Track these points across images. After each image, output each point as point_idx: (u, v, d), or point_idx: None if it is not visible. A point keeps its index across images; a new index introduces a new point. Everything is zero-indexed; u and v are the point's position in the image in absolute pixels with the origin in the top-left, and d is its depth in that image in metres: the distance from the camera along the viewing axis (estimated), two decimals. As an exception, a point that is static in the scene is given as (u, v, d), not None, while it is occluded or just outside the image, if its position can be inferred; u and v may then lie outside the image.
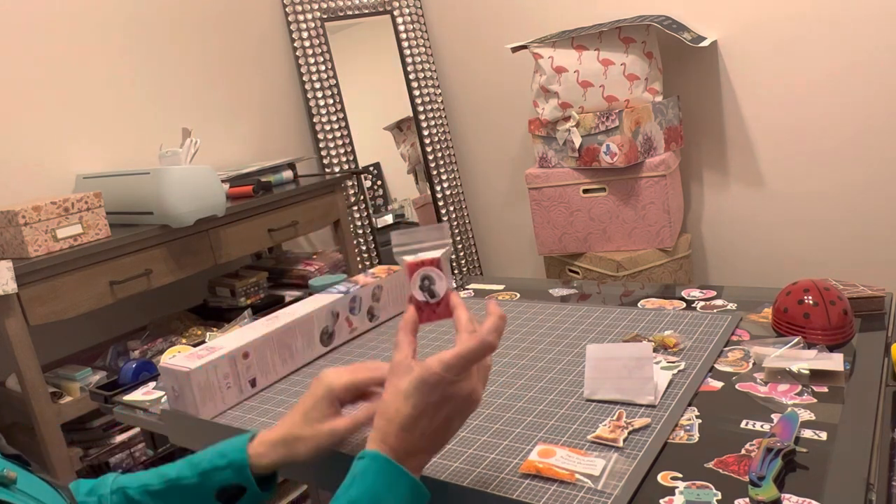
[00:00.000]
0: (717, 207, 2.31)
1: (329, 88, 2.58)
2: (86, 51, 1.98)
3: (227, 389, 0.95)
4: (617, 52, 2.05)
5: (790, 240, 2.19)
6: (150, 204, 1.69)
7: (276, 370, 1.03)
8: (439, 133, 2.73)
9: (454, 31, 2.69)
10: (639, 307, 1.11)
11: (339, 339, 1.14)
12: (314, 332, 1.09)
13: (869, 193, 2.02)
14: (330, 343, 1.12)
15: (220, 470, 0.72)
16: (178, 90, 2.23)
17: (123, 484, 0.74)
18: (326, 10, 2.58)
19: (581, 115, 2.06)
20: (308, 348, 1.08)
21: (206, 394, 0.93)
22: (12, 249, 1.55)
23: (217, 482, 0.72)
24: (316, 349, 1.10)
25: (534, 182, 2.20)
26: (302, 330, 1.06)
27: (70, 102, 1.94)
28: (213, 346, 0.98)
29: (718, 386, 0.83)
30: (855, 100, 1.97)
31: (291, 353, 1.05)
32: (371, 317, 1.20)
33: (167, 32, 2.19)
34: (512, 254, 2.85)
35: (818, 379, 0.80)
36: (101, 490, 0.74)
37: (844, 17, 1.92)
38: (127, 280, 1.65)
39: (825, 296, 0.89)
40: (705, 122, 2.25)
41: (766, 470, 0.63)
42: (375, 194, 2.78)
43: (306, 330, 1.07)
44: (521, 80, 2.51)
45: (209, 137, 2.27)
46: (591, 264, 2.16)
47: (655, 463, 0.68)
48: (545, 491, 0.67)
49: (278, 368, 1.03)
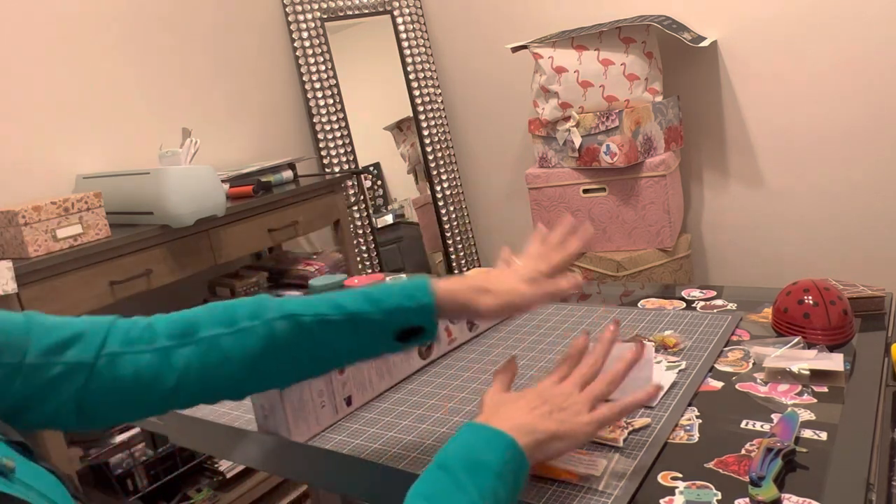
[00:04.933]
0: (717, 207, 2.31)
1: (329, 88, 2.58)
2: (86, 51, 1.98)
3: (322, 409, 0.86)
4: (617, 52, 2.05)
5: (790, 240, 2.19)
6: (150, 204, 1.69)
7: (374, 386, 0.94)
8: (439, 133, 2.73)
9: (454, 31, 2.69)
10: (639, 307, 1.11)
11: (438, 352, 1.04)
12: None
13: (869, 193, 2.02)
14: (428, 355, 1.02)
15: (406, 311, 0.70)
16: (178, 90, 2.23)
17: (293, 311, 0.69)
18: (326, 10, 2.58)
19: (581, 115, 2.06)
20: (405, 361, 0.99)
21: (298, 414, 0.83)
22: (12, 249, 1.55)
23: (401, 322, 0.70)
24: (414, 362, 1.00)
25: (534, 182, 2.20)
26: None
27: (70, 102, 1.94)
28: None
29: (718, 386, 0.83)
30: (855, 100, 1.97)
31: (388, 366, 0.96)
32: (471, 326, 1.10)
33: (167, 32, 2.19)
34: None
35: (818, 379, 0.80)
36: (266, 314, 0.69)
37: (844, 17, 1.92)
38: (127, 280, 1.65)
39: (825, 296, 0.89)
40: (705, 122, 2.25)
41: (766, 470, 0.63)
42: (375, 194, 2.78)
43: None
44: (521, 80, 2.51)
45: (209, 137, 2.27)
46: (591, 264, 2.16)
47: (655, 463, 0.68)
48: (545, 491, 0.67)
49: (375, 384, 0.94)
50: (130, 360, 0.65)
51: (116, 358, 0.65)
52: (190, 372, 0.66)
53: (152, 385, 0.66)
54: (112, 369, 0.64)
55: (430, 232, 2.78)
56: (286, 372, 0.71)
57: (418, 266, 2.81)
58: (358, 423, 0.87)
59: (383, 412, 0.88)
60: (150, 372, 0.65)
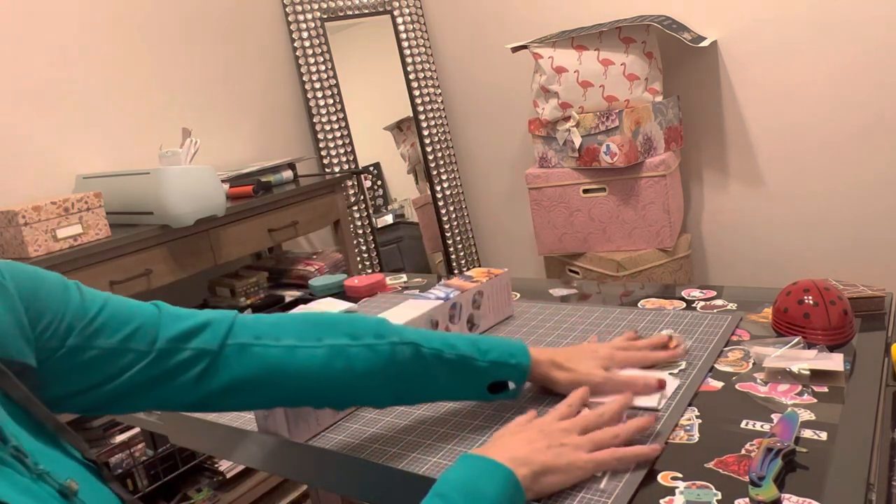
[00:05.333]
0: (717, 207, 2.31)
1: (329, 88, 2.58)
2: (86, 51, 1.98)
3: (322, 408, 0.85)
4: (617, 52, 2.05)
5: (790, 240, 2.19)
6: (150, 204, 1.69)
7: None
8: (439, 133, 2.73)
9: (454, 31, 2.69)
10: (639, 307, 1.11)
11: None
12: None
13: (869, 193, 2.02)
14: None
15: (507, 366, 0.77)
16: (178, 90, 2.23)
17: (415, 340, 0.74)
18: (326, 10, 2.58)
19: (581, 115, 2.06)
20: None
21: (298, 414, 0.82)
22: (12, 249, 1.55)
23: (499, 374, 0.77)
24: None
25: (534, 182, 2.20)
26: None
27: (70, 102, 1.94)
28: None
29: (718, 386, 0.83)
30: (855, 100, 1.97)
31: None
32: (471, 326, 1.07)
33: (167, 32, 2.19)
34: (512, 254, 2.85)
35: (818, 379, 0.80)
36: (390, 336, 0.74)
37: (844, 17, 1.92)
38: (127, 280, 1.65)
39: (825, 296, 0.89)
40: (705, 122, 2.25)
41: (766, 470, 0.62)
42: (375, 194, 2.78)
43: None
44: (521, 80, 2.51)
45: (209, 137, 2.27)
46: (591, 264, 2.16)
47: (655, 463, 0.68)
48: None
49: None
50: (258, 352, 0.70)
51: (245, 348, 0.69)
52: (311, 372, 0.71)
53: (275, 377, 0.70)
54: (239, 358, 0.69)
55: (430, 232, 2.78)
56: (392, 394, 0.76)
57: (418, 266, 2.81)
58: (358, 423, 0.86)
59: (383, 412, 0.88)
60: (276, 365, 0.70)
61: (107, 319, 0.63)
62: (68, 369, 0.60)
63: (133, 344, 0.64)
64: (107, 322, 0.63)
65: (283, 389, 0.71)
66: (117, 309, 0.65)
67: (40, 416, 0.55)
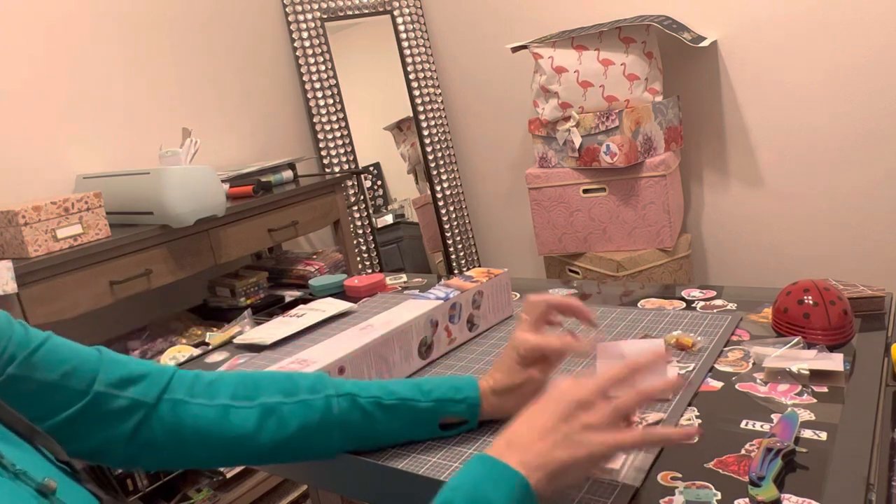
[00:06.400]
0: (717, 207, 2.31)
1: (329, 88, 2.58)
2: (85, 51, 1.98)
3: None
4: (617, 52, 2.05)
5: (790, 240, 2.19)
6: (150, 204, 1.69)
7: None
8: (439, 133, 2.73)
9: (454, 31, 2.69)
10: (639, 307, 1.11)
11: (438, 352, 1.02)
12: (413, 343, 0.97)
13: (869, 193, 2.02)
14: (428, 356, 1.00)
15: (454, 402, 0.77)
16: (178, 90, 2.23)
17: (352, 391, 0.75)
18: (326, 10, 2.58)
19: (581, 115, 2.06)
20: (405, 362, 0.96)
21: None
22: (12, 249, 1.55)
23: (447, 412, 0.77)
24: (414, 363, 0.97)
25: (534, 182, 2.20)
26: (400, 341, 0.94)
27: (70, 102, 1.94)
28: (304, 358, 0.87)
29: (718, 386, 0.83)
30: (855, 100, 1.97)
31: (389, 367, 0.93)
32: (471, 326, 1.07)
33: (167, 32, 2.19)
34: (512, 254, 2.85)
35: (818, 379, 0.80)
36: (325, 390, 0.74)
37: (844, 17, 1.92)
38: (127, 280, 1.65)
39: (825, 296, 0.89)
40: (705, 122, 2.25)
41: (766, 470, 0.63)
42: (375, 194, 2.78)
43: (405, 341, 0.95)
44: (521, 80, 2.51)
45: (209, 137, 2.27)
46: (591, 264, 2.16)
47: (655, 463, 0.68)
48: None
49: None
50: (192, 410, 0.71)
51: (179, 405, 0.70)
52: (242, 434, 0.71)
53: (207, 438, 0.71)
54: (173, 415, 0.70)
55: (430, 232, 2.79)
56: (336, 445, 0.75)
57: (418, 266, 2.81)
58: None
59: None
60: (208, 425, 0.71)
61: (47, 353, 0.65)
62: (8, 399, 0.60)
63: (71, 382, 0.65)
64: (47, 356, 0.64)
65: (214, 451, 0.72)
66: (59, 346, 0.66)
67: (9, 419, 0.55)
